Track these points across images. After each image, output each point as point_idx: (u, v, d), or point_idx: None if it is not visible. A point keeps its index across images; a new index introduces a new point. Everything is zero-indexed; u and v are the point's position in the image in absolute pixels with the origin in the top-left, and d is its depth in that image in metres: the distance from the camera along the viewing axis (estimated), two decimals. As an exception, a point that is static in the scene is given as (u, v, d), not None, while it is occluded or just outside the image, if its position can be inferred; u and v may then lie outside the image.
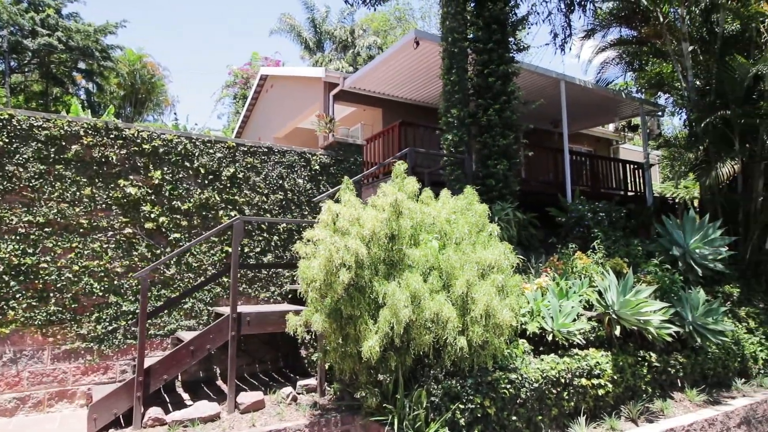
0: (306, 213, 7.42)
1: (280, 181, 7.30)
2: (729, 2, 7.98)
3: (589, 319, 5.43)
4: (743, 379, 6.19)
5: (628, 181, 12.21)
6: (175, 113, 27.95)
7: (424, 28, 28.11)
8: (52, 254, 5.77)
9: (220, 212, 6.78)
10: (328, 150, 7.86)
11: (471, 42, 8.00)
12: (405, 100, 11.69)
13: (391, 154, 9.36)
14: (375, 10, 11.49)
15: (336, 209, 4.52)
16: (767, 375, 6.43)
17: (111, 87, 23.31)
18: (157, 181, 6.42)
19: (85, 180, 6.04)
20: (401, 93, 11.35)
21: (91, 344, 5.85)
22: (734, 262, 7.77)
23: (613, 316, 5.33)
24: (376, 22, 27.60)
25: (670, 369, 5.58)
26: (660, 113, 12.75)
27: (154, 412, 4.53)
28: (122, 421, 4.60)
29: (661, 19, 9.02)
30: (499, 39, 7.86)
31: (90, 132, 6.13)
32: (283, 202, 7.29)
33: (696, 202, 11.30)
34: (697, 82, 9.16)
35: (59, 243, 5.81)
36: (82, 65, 20.95)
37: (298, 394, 5.30)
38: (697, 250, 7.00)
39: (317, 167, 7.62)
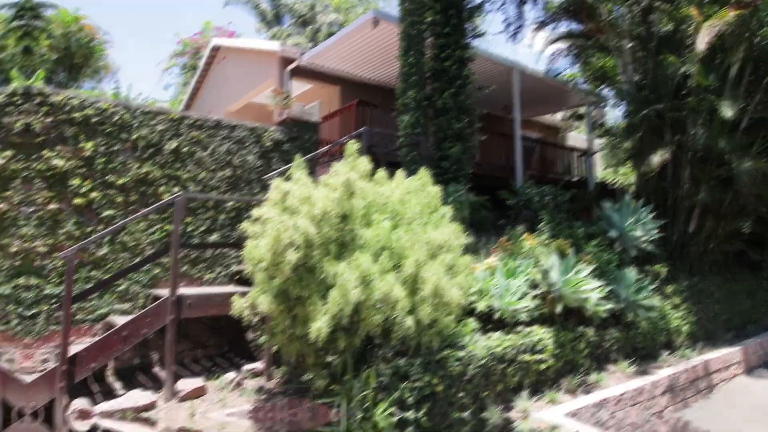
0: (256, 191, 7.16)
1: (229, 157, 6.98)
2: (664, 5, 8.43)
3: (534, 297, 5.63)
4: (668, 351, 6.68)
5: (574, 167, 12.77)
6: (116, 82, 26.08)
7: (386, 8, 27.56)
8: (-34, 231, 5.24)
9: (161, 188, 6.40)
10: (282, 126, 7.58)
11: (429, 25, 7.94)
12: (364, 79, 11.48)
13: (348, 133, 9.17)
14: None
15: (286, 187, 4.37)
16: (689, 347, 6.98)
17: (41, 49, 21.28)
18: (88, 153, 5.95)
19: (1, 149, 5.50)
20: (360, 72, 11.13)
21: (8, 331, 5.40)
22: (663, 244, 8.32)
23: (556, 294, 5.54)
24: (337, -1, 26.78)
25: (605, 343, 5.91)
26: (603, 104, 13.32)
27: (80, 403, 4.23)
28: (44, 414, 4.24)
29: (605, 16, 9.36)
30: (456, 24, 7.87)
31: (9, 97, 5.56)
32: (232, 180, 6.99)
33: (632, 188, 11.97)
34: (636, 77, 9.61)
35: (-26, 219, 5.28)
36: (5, 24, 19.00)
37: (244, 378, 5.15)
38: (632, 233, 7.44)
39: (269, 144, 7.34)
